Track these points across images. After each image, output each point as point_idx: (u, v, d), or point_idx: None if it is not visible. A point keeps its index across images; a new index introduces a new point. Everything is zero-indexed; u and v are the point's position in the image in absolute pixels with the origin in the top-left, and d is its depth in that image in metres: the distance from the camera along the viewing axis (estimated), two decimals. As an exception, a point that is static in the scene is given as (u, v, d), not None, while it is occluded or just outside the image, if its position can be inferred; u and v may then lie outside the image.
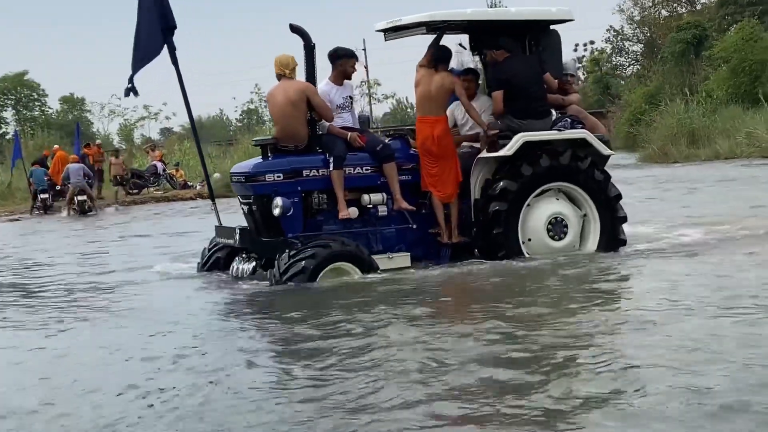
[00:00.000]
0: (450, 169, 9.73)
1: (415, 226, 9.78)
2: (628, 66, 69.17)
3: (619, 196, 10.08)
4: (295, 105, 9.38)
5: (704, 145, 31.76)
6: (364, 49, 59.34)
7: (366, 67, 61.55)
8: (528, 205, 9.78)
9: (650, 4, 61.07)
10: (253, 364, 5.95)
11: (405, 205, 9.63)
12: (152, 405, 5.09)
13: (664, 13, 60.18)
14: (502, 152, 9.71)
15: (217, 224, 10.19)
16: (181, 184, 33.72)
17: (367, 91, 65.25)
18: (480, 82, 10.59)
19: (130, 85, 10.09)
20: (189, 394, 5.24)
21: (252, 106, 74.99)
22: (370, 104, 64.47)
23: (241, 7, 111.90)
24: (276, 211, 9.13)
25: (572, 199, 10.04)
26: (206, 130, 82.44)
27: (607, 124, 58.40)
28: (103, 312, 8.44)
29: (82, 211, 26.47)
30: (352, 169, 9.53)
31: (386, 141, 9.94)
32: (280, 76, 9.56)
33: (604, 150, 10.12)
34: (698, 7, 57.74)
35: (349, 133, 9.56)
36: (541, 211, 9.85)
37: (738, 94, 37.03)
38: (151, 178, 33.39)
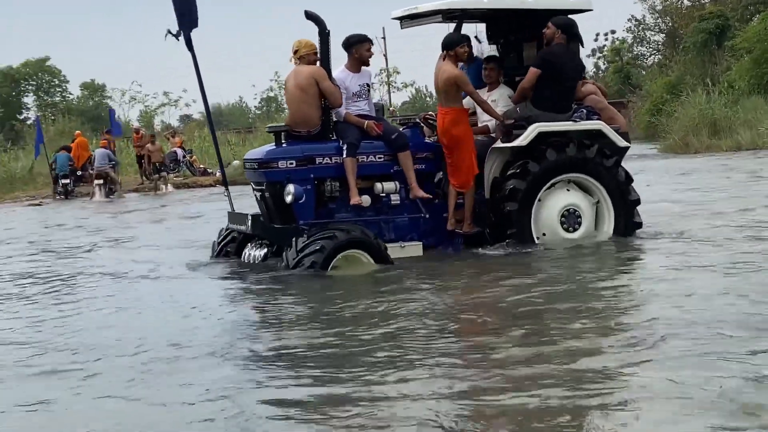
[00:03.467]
0: (463, 160, 9.65)
1: (428, 216, 9.75)
2: (650, 56, 68.79)
3: (630, 179, 9.98)
4: (305, 90, 9.36)
5: (726, 136, 31.53)
6: (384, 38, 59.21)
7: (385, 55, 61.42)
8: (539, 200, 9.70)
9: (672, -7, 60.62)
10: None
11: (421, 193, 9.59)
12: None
13: (686, 2, 59.71)
14: (516, 142, 9.65)
15: (230, 210, 10.18)
16: (200, 170, 33.81)
17: (386, 80, 65.13)
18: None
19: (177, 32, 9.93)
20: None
21: (271, 94, 74.97)
22: (389, 92, 64.31)
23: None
24: (288, 198, 9.11)
25: (584, 188, 9.96)
26: (225, 118, 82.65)
27: (628, 114, 58.22)
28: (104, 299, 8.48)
29: (103, 192, 27.38)
30: (365, 157, 9.51)
31: (401, 131, 9.89)
32: (299, 61, 9.55)
33: (620, 141, 10.04)
34: (721, -3, 57.25)
35: (366, 121, 9.53)
36: (552, 205, 9.77)
37: (760, 84, 36.73)
38: (171, 165, 33.46)
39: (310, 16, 9.34)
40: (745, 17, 49.31)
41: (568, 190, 9.84)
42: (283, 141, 9.52)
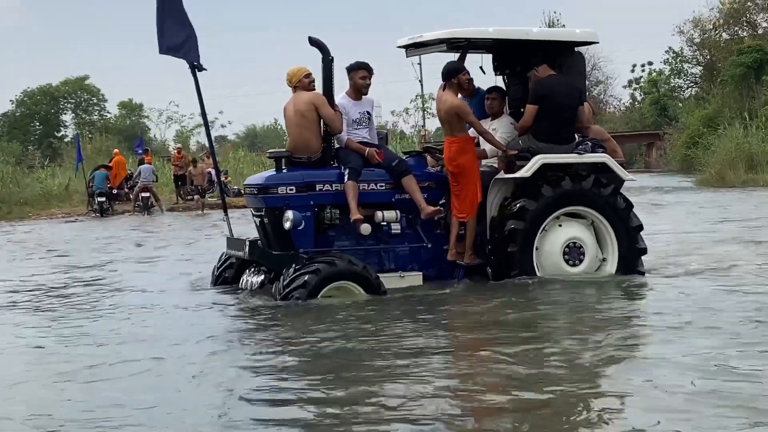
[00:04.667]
0: (467, 189, 9.54)
1: (429, 245, 9.65)
2: (687, 88, 68.54)
3: (640, 227, 9.82)
4: (305, 116, 9.31)
5: (763, 171, 31.32)
6: (420, 63, 59.40)
7: (420, 81, 61.57)
8: (545, 230, 9.58)
9: (711, 26, 60.39)
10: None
11: (431, 209, 9.45)
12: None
13: (725, 36, 59.44)
14: (519, 173, 9.54)
15: (229, 236, 10.13)
16: (234, 191, 34.00)
17: (421, 105, 65.31)
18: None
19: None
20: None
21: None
22: (424, 117, 64.51)
23: (298, 21, 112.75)
24: (287, 225, 9.03)
25: (582, 218, 9.82)
26: (260, 140, 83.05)
27: (664, 145, 57.91)
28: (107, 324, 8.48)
29: (145, 207, 28.96)
30: (366, 185, 9.40)
31: (402, 158, 9.83)
32: (294, 89, 9.53)
33: (625, 175, 9.90)
34: (760, 31, 56.95)
35: (367, 149, 9.46)
36: (554, 240, 9.63)
37: (799, 119, 36.47)
38: (206, 186, 33.69)
39: (314, 42, 9.29)
40: (784, 51, 48.97)
41: (560, 225, 9.68)
42: (283, 167, 9.46)
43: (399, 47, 10.32)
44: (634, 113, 75.78)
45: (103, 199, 28.90)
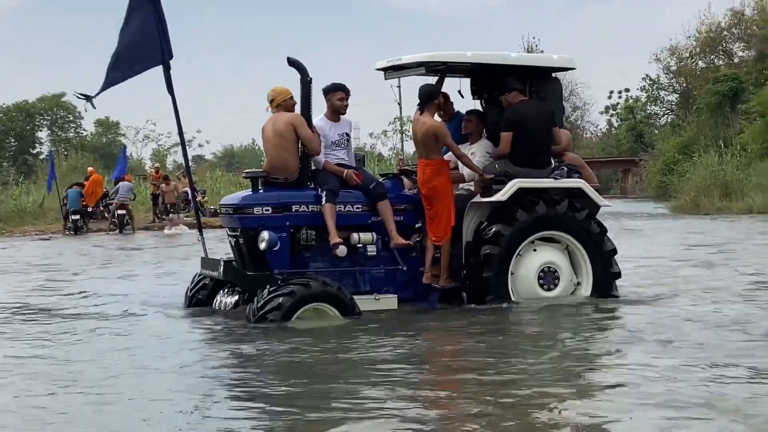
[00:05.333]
0: (441, 212, 9.51)
1: (404, 268, 9.62)
2: (663, 115, 69.07)
3: (614, 251, 9.87)
4: (283, 136, 9.27)
5: (737, 199, 31.53)
6: (399, 86, 59.47)
7: (399, 103, 61.58)
8: (519, 254, 9.59)
9: (687, 55, 60.96)
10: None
11: (401, 240, 9.44)
12: None
13: (701, 64, 59.99)
14: (495, 197, 9.55)
15: (203, 255, 10.05)
16: (211, 211, 33.89)
17: (399, 128, 65.49)
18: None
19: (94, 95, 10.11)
20: None
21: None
22: (402, 140, 64.57)
23: (276, 42, 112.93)
24: (262, 245, 8.96)
25: (556, 242, 9.84)
26: (238, 159, 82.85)
27: (639, 172, 58.25)
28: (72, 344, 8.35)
29: (121, 224, 28.94)
30: (342, 207, 9.38)
31: (380, 181, 9.80)
32: (277, 108, 9.49)
33: (600, 201, 9.94)
34: (736, 60, 57.53)
35: (346, 171, 9.44)
36: (532, 260, 9.65)
37: (773, 148, 36.80)
38: (182, 205, 33.57)
39: (292, 63, 9.26)
40: (759, 81, 49.46)
41: (534, 250, 9.69)
42: (260, 187, 9.43)
43: (378, 70, 10.33)
44: (611, 139, 76.28)
45: (77, 217, 28.77)
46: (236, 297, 9.48)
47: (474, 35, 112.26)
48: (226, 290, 9.70)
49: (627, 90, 75.43)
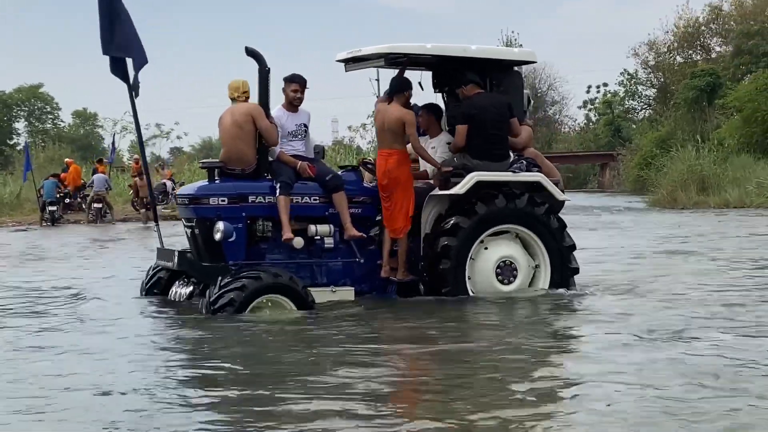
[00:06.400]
0: (401, 204, 9.46)
1: (362, 260, 9.57)
2: (641, 110, 69.38)
3: (573, 247, 9.85)
4: (241, 127, 9.18)
5: (714, 193, 31.71)
6: (377, 80, 59.46)
7: (378, 96, 61.51)
8: (481, 242, 9.57)
9: (665, 49, 61.24)
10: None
11: (355, 232, 9.37)
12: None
13: (678, 59, 60.28)
14: (454, 190, 9.50)
15: (159, 246, 9.98)
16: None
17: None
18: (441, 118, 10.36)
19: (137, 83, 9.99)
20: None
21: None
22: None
23: (259, 34, 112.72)
24: (217, 236, 8.87)
25: (525, 245, 9.82)
26: (216, 152, 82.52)
27: (617, 166, 58.51)
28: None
29: (98, 216, 29.15)
30: (300, 198, 9.30)
31: (337, 173, 9.71)
32: (232, 100, 9.41)
33: (559, 195, 9.88)
34: (713, 55, 57.89)
35: (299, 162, 9.37)
36: (490, 254, 9.61)
37: (750, 143, 37.01)
38: (160, 197, 33.46)
39: (250, 52, 9.17)
40: (736, 76, 49.82)
41: (486, 248, 9.64)
42: (216, 178, 9.35)
43: (338, 61, 10.25)
44: (589, 134, 76.50)
45: (54, 208, 28.64)
46: (191, 288, 9.41)
47: (452, 31, 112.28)
48: (181, 281, 9.63)
49: (605, 84, 75.67)
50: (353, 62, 10.19)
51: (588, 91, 78.19)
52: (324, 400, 5.43)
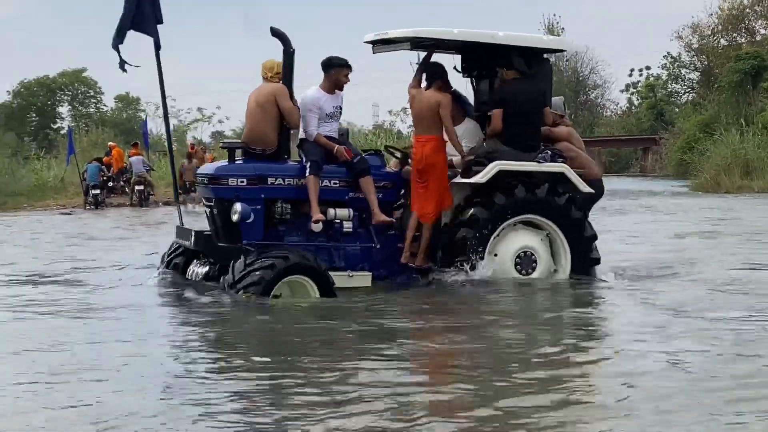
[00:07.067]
0: (435, 189, 9.39)
1: (378, 246, 9.46)
2: (684, 93, 68.56)
3: (594, 237, 9.70)
4: (263, 107, 9.16)
5: (758, 177, 31.38)
6: (418, 63, 59.34)
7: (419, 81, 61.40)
8: (497, 235, 9.44)
9: (709, 32, 60.43)
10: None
11: (383, 217, 9.30)
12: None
13: (723, 42, 59.43)
14: (475, 179, 9.40)
15: (178, 224, 9.98)
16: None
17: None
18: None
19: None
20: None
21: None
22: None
23: (300, 17, 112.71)
24: (234, 217, 8.81)
25: (537, 227, 9.68)
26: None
27: (660, 150, 57.99)
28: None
29: (141, 199, 29.19)
30: (320, 181, 9.21)
31: (362, 155, 9.60)
32: (264, 80, 9.40)
33: (583, 187, 9.68)
34: (758, 38, 57.00)
35: (336, 146, 9.32)
36: (510, 244, 9.51)
37: (795, 126, 36.57)
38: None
39: (275, 33, 9.10)
40: (782, 59, 49.07)
41: (530, 232, 9.56)
42: (238, 158, 9.32)
43: (366, 42, 10.15)
44: (631, 117, 75.84)
45: (98, 191, 28.97)
46: (207, 268, 9.36)
47: (491, 14, 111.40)
48: (199, 260, 9.61)
49: (648, 68, 74.91)
50: (381, 44, 10.11)
51: (630, 75, 77.53)
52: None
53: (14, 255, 13.83)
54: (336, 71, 9.40)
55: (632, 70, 77.30)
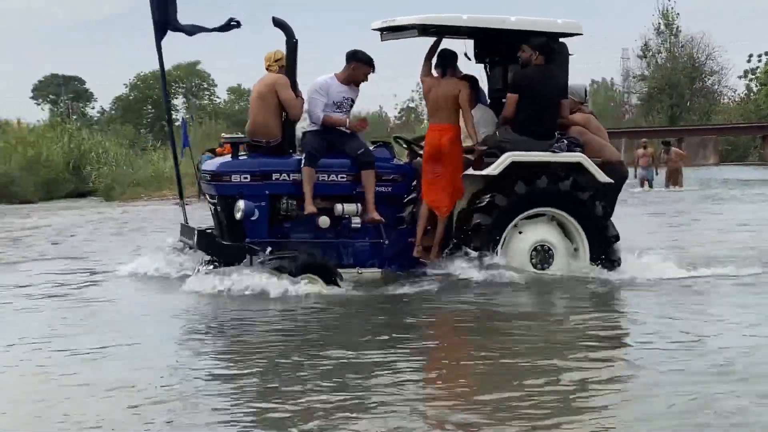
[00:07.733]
0: (450, 180, 9.03)
1: (386, 242, 9.15)
2: (805, 79, 66.31)
3: (616, 237, 9.21)
4: (264, 98, 8.99)
5: None
6: (465, 54, 58.69)
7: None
8: (515, 226, 9.10)
9: (833, 15, 58.22)
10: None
11: (376, 216, 8.95)
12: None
13: None
14: (487, 171, 9.04)
15: (182, 222, 9.83)
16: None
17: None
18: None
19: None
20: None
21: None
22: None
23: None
24: (238, 215, 8.62)
25: (565, 230, 9.29)
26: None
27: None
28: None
29: None
30: (326, 176, 8.97)
31: (369, 148, 9.33)
32: (268, 70, 9.26)
33: (601, 177, 9.22)
34: None
35: (349, 120, 9.10)
36: (527, 236, 9.14)
37: None
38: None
39: (278, 23, 8.93)
40: None
41: (521, 231, 9.18)
42: (243, 153, 9.15)
43: (373, 30, 9.86)
44: (750, 104, 73.61)
45: (211, 182, 29.51)
46: (212, 266, 9.03)
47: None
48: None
49: (767, 53, 72.67)
50: (389, 31, 9.80)
51: (749, 61, 75.15)
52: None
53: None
54: (357, 65, 9.14)
55: (750, 55, 74.94)
